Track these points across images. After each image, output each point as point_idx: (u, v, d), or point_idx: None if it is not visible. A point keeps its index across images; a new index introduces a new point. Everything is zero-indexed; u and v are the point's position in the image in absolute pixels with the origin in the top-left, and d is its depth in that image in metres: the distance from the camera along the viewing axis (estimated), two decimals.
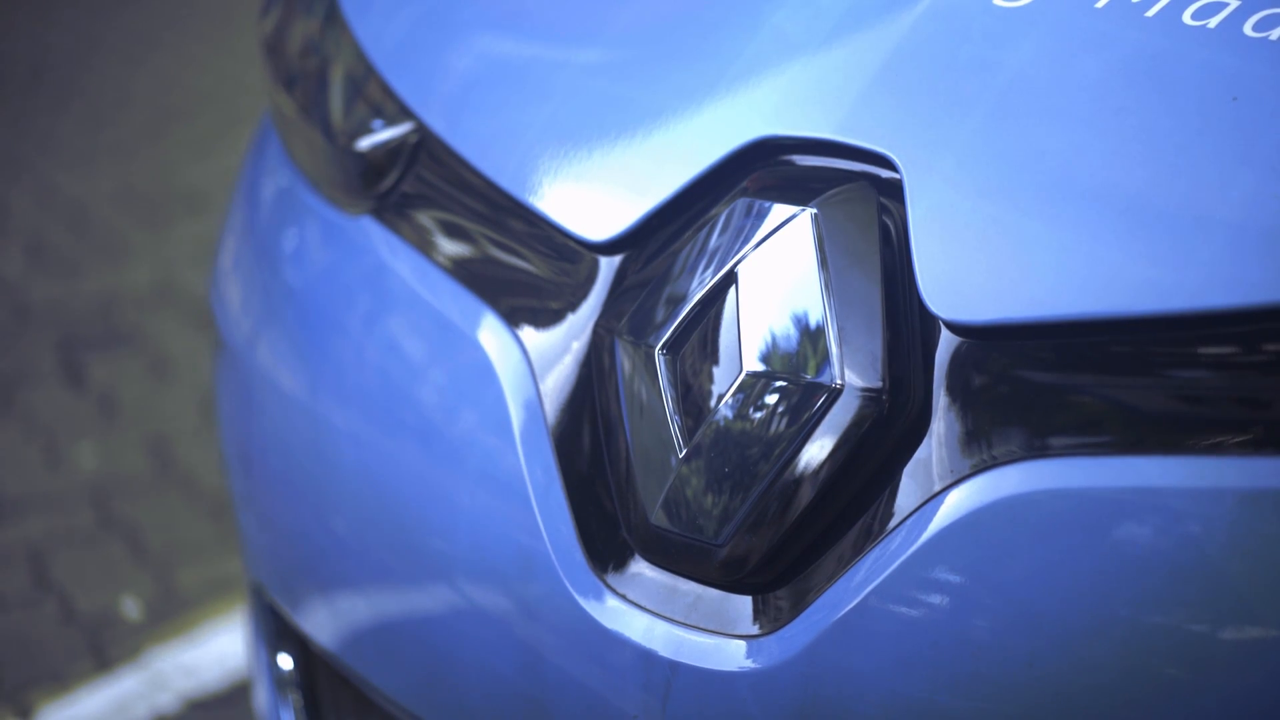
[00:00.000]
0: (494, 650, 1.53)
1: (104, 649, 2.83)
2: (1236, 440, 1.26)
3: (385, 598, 1.65)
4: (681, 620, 1.41)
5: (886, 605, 1.32)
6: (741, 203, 1.43)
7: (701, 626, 1.40)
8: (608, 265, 1.51)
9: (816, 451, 1.35)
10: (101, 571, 3.01)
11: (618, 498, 1.45)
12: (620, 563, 1.44)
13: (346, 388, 1.66)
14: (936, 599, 1.31)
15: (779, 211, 1.41)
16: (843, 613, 1.34)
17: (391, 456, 1.60)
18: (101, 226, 4.32)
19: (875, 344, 1.35)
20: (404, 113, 1.70)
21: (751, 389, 1.37)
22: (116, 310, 3.90)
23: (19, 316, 3.90)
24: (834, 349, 1.35)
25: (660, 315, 1.43)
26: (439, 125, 1.66)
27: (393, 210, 1.69)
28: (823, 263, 1.38)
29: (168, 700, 2.74)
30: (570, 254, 1.53)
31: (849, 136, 1.42)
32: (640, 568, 1.44)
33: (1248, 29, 1.37)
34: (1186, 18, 1.39)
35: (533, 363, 1.52)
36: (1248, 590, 1.25)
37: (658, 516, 1.40)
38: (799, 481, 1.35)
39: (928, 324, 1.35)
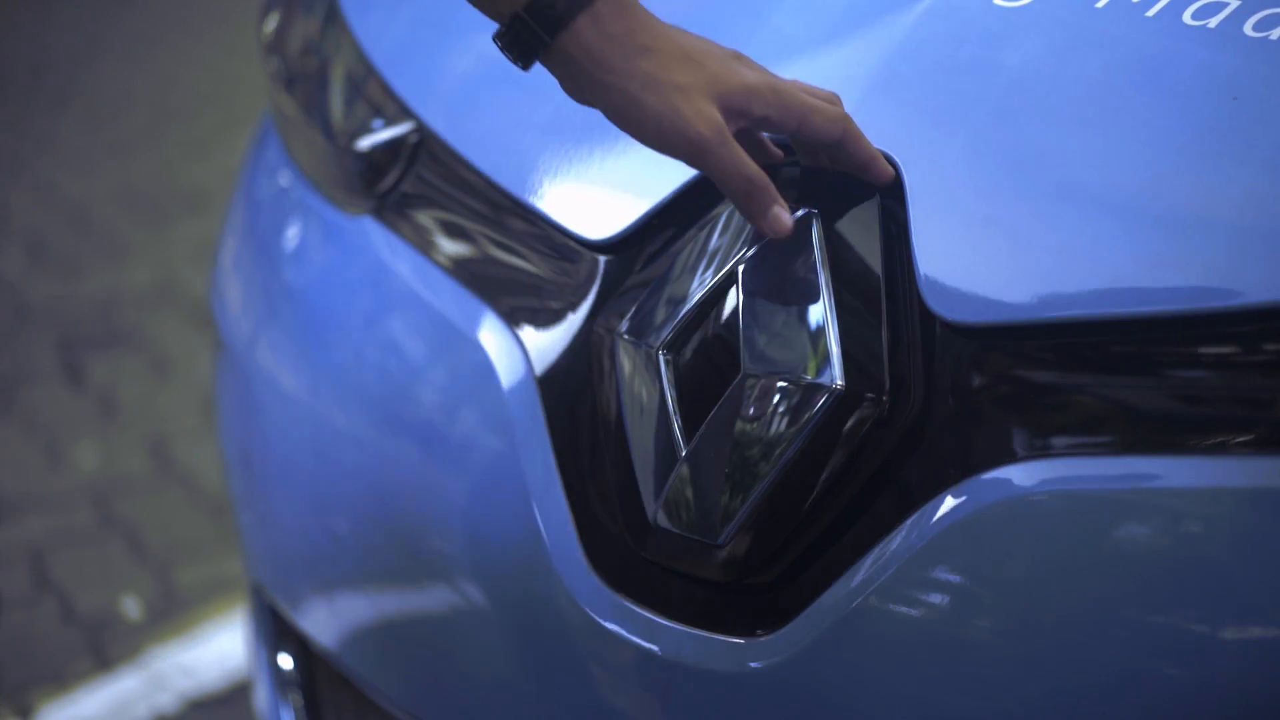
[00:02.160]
0: (494, 650, 1.53)
1: (104, 649, 2.83)
2: (1237, 440, 1.26)
3: (385, 598, 1.65)
4: (681, 620, 1.41)
5: (886, 605, 1.32)
6: None
7: (701, 626, 1.40)
8: (608, 265, 1.51)
9: (816, 452, 1.34)
10: (101, 571, 3.01)
11: (618, 497, 1.45)
12: (620, 563, 1.44)
13: (346, 388, 1.66)
14: (936, 599, 1.31)
15: None
16: (843, 613, 1.33)
17: (391, 456, 1.60)
18: (101, 226, 4.33)
19: (877, 344, 1.35)
20: (404, 112, 1.70)
21: (751, 389, 1.37)
22: (116, 310, 3.90)
23: (19, 316, 3.90)
24: (834, 349, 1.35)
25: (660, 315, 1.43)
26: (439, 125, 1.66)
27: (393, 210, 1.69)
28: (823, 263, 1.37)
29: (168, 700, 2.74)
30: (570, 254, 1.53)
31: None
32: (640, 568, 1.44)
33: (1248, 29, 1.37)
34: (1186, 18, 1.39)
35: (533, 363, 1.52)
36: (1248, 590, 1.25)
37: (658, 516, 1.40)
38: (800, 482, 1.35)
39: (928, 324, 1.35)
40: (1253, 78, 1.34)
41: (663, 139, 1.33)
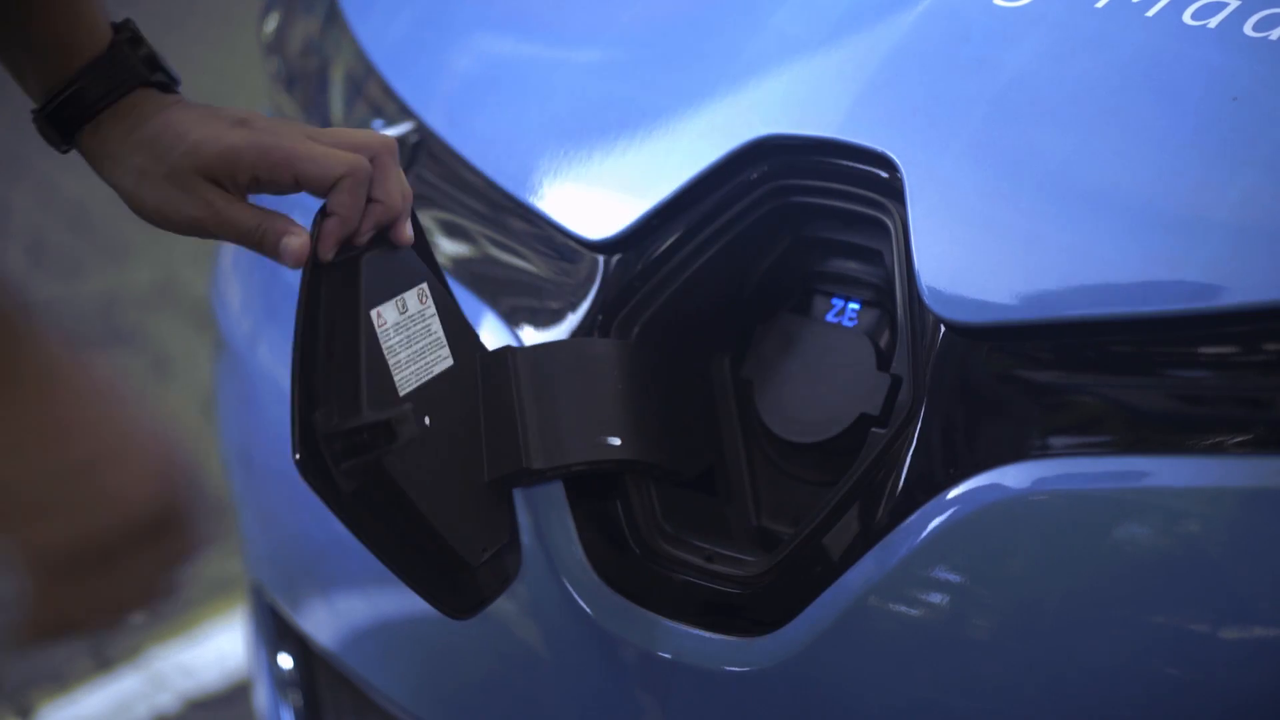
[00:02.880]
0: (494, 650, 1.53)
1: (104, 649, 2.83)
2: (1236, 440, 1.26)
3: (385, 598, 1.65)
4: (681, 620, 1.41)
5: (886, 605, 1.32)
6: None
7: (701, 626, 1.40)
8: (607, 265, 1.51)
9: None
10: None
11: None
12: (620, 562, 1.44)
13: None
14: (936, 599, 1.31)
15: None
16: (843, 613, 1.33)
17: None
18: (102, 226, 4.32)
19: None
20: (404, 112, 1.70)
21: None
22: (117, 310, 3.90)
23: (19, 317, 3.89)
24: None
25: None
26: (439, 125, 1.66)
27: None
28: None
29: (168, 700, 2.74)
30: (570, 254, 1.53)
31: (849, 136, 1.42)
32: (640, 567, 1.44)
33: (1248, 29, 1.37)
34: (1186, 18, 1.39)
35: None
36: (1248, 590, 1.25)
37: None
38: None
39: (928, 324, 1.35)
40: (1253, 78, 1.35)
41: (170, 226, 1.35)
